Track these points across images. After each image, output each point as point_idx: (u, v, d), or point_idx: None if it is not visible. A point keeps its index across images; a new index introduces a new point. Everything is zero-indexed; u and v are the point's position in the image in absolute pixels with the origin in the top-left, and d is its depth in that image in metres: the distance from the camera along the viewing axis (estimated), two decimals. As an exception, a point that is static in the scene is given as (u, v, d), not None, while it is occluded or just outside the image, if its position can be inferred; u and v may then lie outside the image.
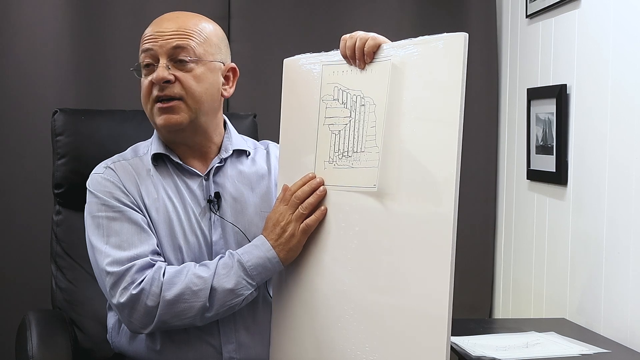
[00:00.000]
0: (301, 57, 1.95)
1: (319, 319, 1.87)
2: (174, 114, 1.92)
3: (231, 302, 1.86)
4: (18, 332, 2.20)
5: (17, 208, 2.93)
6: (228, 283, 1.85)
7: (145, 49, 1.93)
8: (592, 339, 2.20)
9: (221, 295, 1.85)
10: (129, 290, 1.82)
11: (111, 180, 1.95)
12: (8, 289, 2.93)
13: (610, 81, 2.30)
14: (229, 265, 1.87)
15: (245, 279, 1.86)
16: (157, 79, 1.89)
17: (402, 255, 1.71)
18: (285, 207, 1.90)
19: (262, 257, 1.88)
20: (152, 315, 1.83)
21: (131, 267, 1.84)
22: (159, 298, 1.82)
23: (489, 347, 2.06)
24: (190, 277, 1.84)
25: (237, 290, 1.86)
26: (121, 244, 1.87)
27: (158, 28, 1.94)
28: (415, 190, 1.69)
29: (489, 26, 3.15)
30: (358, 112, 1.80)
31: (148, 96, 1.93)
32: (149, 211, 1.94)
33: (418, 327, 1.66)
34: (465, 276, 3.07)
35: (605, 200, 2.31)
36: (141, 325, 1.85)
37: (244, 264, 1.87)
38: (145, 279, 1.83)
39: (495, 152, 3.17)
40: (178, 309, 1.83)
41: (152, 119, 1.96)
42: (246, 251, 1.89)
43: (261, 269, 1.88)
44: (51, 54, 2.93)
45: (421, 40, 1.71)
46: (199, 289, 1.83)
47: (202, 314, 1.85)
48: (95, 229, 1.91)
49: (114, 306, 1.87)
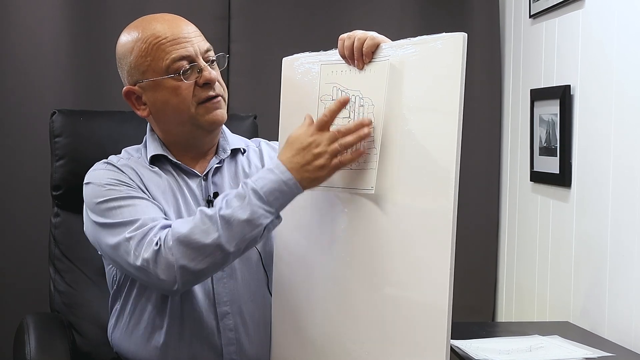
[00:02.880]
0: (300, 56, 1.95)
1: (319, 320, 1.87)
2: (222, 109, 1.98)
3: (251, 233, 1.76)
4: (16, 336, 2.20)
5: (15, 210, 2.93)
6: (243, 214, 1.75)
7: (182, 55, 1.92)
8: (596, 343, 2.19)
9: (237, 227, 1.75)
10: (151, 247, 1.77)
11: (113, 171, 1.96)
12: (6, 292, 2.93)
13: (614, 82, 2.30)
14: (242, 196, 1.77)
15: (262, 206, 1.76)
16: (212, 79, 1.94)
17: (401, 256, 1.70)
18: (321, 133, 1.78)
19: (276, 180, 1.77)
20: (171, 265, 1.76)
21: (152, 227, 1.81)
22: (172, 245, 1.76)
23: (491, 350, 2.05)
24: (197, 216, 1.79)
25: (254, 221, 1.75)
26: (136, 213, 1.85)
27: (180, 31, 1.95)
28: (414, 192, 1.68)
29: (491, 26, 3.15)
30: (357, 113, 1.79)
31: (191, 98, 1.94)
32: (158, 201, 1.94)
33: (418, 327, 1.65)
34: (468, 278, 3.08)
35: (610, 203, 2.31)
36: (168, 280, 1.77)
37: (259, 191, 1.76)
38: (162, 235, 1.79)
39: (498, 154, 3.17)
40: (191, 251, 1.75)
41: (196, 120, 1.96)
42: (260, 177, 1.79)
43: (278, 194, 1.76)
44: (50, 55, 2.93)
45: (420, 40, 1.70)
46: (207, 226, 1.76)
47: (222, 252, 1.76)
48: (103, 213, 1.88)
49: (137, 269, 1.80)
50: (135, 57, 1.95)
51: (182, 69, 1.92)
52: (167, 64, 1.92)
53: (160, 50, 1.92)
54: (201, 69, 1.93)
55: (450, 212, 1.60)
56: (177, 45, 1.93)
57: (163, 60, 1.92)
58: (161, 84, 1.94)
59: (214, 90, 1.95)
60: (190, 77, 1.93)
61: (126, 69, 1.98)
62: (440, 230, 1.61)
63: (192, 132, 1.99)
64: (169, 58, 1.92)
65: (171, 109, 1.96)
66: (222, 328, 1.95)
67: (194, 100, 1.94)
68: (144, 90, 1.97)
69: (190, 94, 1.94)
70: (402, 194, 1.70)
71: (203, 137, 2.02)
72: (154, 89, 1.96)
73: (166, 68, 1.92)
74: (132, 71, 1.97)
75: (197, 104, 1.95)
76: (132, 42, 1.96)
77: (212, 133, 2.02)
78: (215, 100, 1.96)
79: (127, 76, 1.99)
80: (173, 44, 1.93)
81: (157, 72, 1.93)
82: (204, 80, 1.93)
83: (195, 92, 1.94)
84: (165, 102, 1.96)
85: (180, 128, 1.99)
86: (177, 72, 1.92)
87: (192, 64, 1.93)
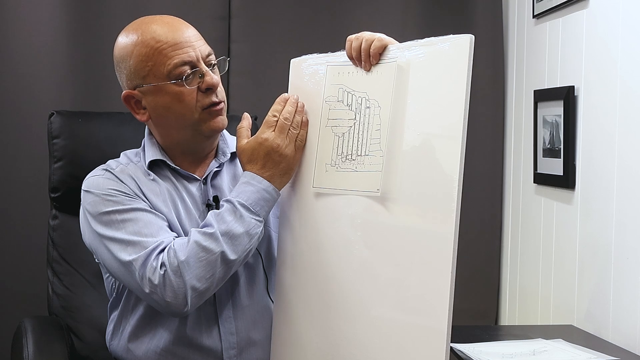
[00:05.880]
0: (308, 58, 1.95)
1: (320, 325, 1.86)
2: (223, 115, 1.97)
3: (249, 244, 1.85)
4: (14, 340, 2.20)
5: (13, 212, 2.93)
6: (240, 227, 1.83)
7: (184, 61, 1.90)
8: (601, 346, 2.19)
9: (237, 240, 1.82)
10: (157, 272, 1.80)
11: (112, 180, 1.94)
12: (3, 295, 2.92)
13: (619, 82, 2.29)
14: (232, 211, 1.84)
15: (253, 217, 1.85)
16: (215, 84, 1.92)
17: (403, 262, 1.69)
18: (273, 132, 1.89)
19: (257, 190, 1.87)
20: (181, 287, 1.79)
21: (155, 248, 1.82)
22: (178, 267, 1.79)
23: (494, 354, 2.05)
24: (195, 235, 1.82)
25: (250, 231, 1.84)
26: (139, 229, 1.86)
27: (181, 35, 1.92)
28: (419, 195, 1.68)
29: (495, 26, 3.14)
30: (363, 115, 1.79)
31: (195, 104, 1.92)
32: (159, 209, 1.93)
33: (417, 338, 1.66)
34: (471, 282, 3.09)
35: (614, 204, 2.30)
36: (178, 302, 1.80)
37: (245, 203, 1.85)
38: (164, 255, 1.81)
39: (501, 155, 3.16)
40: (197, 270, 1.79)
41: (199, 126, 1.95)
42: (241, 191, 1.87)
43: (263, 202, 1.87)
44: (48, 56, 2.93)
45: (427, 42, 1.71)
46: (208, 243, 1.81)
47: (225, 265, 1.82)
48: (106, 226, 1.88)
49: (146, 295, 1.82)
50: (135, 61, 1.92)
51: (184, 74, 1.90)
52: (168, 69, 1.89)
53: (161, 55, 1.89)
54: (203, 74, 1.91)
55: (453, 212, 1.60)
56: (179, 50, 1.90)
57: (165, 65, 1.89)
58: (163, 89, 1.91)
59: (216, 96, 1.94)
60: (192, 83, 1.91)
61: (125, 73, 1.95)
62: (443, 229, 1.61)
63: (193, 137, 1.98)
64: (170, 63, 1.89)
65: (173, 115, 1.94)
66: (222, 332, 1.95)
67: (197, 106, 1.92)
68: (144, 95, 1.94)
69: (193, 100, 1.92)
70: (407, 197, 1.70)
71: (203, 141, 2.01)
72: (155, 94, 1.93)
73: (168, 73, 1.90)
74: (131, 75, 1.94)
75: (201, 110, 1.93)
76: (131, 45, 1.92)
77: (213, 138, 2.02)
78: (219, 107, 1.95)
79: (127, 80, 1.96)
80: (175, 49, 1.90)
81: (159, 78, 1.91)
82: (207, 86, 1.91)
83: (199, 98, 1.92)
84: (167, 108, 1.93)
85: (181, 133, 1.97)
86: (179, 77, 1.90)
87: (195, 69, 1.91)
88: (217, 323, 1.95)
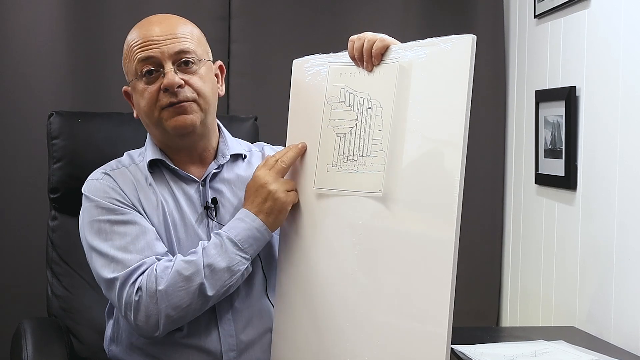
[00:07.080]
0: (310, 58, 1.95)
1: (320, 327, 1.86)
2: (188, 114, 1.93)
3: (230, 280, 1.87)
4: (13, 341, 2.19)
5: (12, 213, 2.92)
6: (222, 262, 1.85)
7: (145, 57, 1.92)
8: (603, 348, 2.19)
9: (218, 275, 1.85)
10: (132, 296, 1.83)
11: (110, 186, 1.95)
12: (3, 296, 2.92)
13: (620, 83, 2.28)
14: (219, 245, 1.86)
15: (238, 254, 1.86)
16: (170, 84, 1.90)
17: (404, 264, 1.69)
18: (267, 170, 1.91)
19: (249, 228, 1.88)
20: (154, 314, 1.83)
21: (136, 269, 1.85)
22: (155, 294, 1.82)
23: (496, 356, 2.04)
24: (178, 264, 1.84)
25: (232, 267, 1.86)
26: (125, 245, 1.88)
27: (151, 33, 1.93)
28: (420, 196, 1.68)
29: (496, 26, 3.14)
30: (365, 115, 1.79)
31: (155, 103, 1.93)
32: (150, 219, 1.94)
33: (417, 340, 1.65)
34: (472, 283, 3.09)
35: (616, 205, 2.29)
36: (149, 327, 1.84)
37: (233, 239, 1.86)
38: (142, 279, 1.84)
39: (502, 156, 3.16)
40: (175, 299, 1.83)
41: (162, 124, 1.95)
42: (232, 226, 1.89)
43: (252, 241, 1.88)
44: (47, 56, 2.92)
45: (429, 42, 1.71)
46: (190, 273, 1.83)
47: (203, 299, 1.85)
48: (95, 234, 1.91)
49: (122, 313, 1.87)
50: (123, 59, 1.99)
51: (144, 70, 1.92)
52: (135, 66, 1.94)
53: (131, 52, 1.95)
54: (165, 73, 1.91)
55: (454, 214, 1.60)
56: (144, 47, 1.93)
57: (132, 62, 1.94)
58: (134, 86, 1.97)
59: (175, 97, 1.91)
60: (155, 81, 1.92)
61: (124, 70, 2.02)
62: (444, 232, 1.61)
63: (164, 135, 1.98)
64: (135, 59, 1.93)
65: (142, 112, 1.98)
66: (222, 334, 1.95)
67: (157, 105, 1.93)
68: (132, 92, 2.00)
69: (154, 98, 1.93)
70: (409, 198, 1.70)
71: (179, 140, 1.99)
72: (133, 90, 1.98)
73: (135, 70, 1.94)
74: (124, 72, 2.01)
75: (160, 109, 1.93)
76: (125, 44, 1.99)
77: (187, 137, 1.98)
78: (178, 106, 1.92)
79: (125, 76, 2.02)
80: (140, 46, 1.93)
81: (131, 74, 1.96)
82: (164, 86, 1.91)
83: (159, 97, 1.93)
84: (137, 105, 1.98)
85: (154, 130, 2.00)
86: (142, 74, 1.93)
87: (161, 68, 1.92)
88: (217, 325, 1.95)
